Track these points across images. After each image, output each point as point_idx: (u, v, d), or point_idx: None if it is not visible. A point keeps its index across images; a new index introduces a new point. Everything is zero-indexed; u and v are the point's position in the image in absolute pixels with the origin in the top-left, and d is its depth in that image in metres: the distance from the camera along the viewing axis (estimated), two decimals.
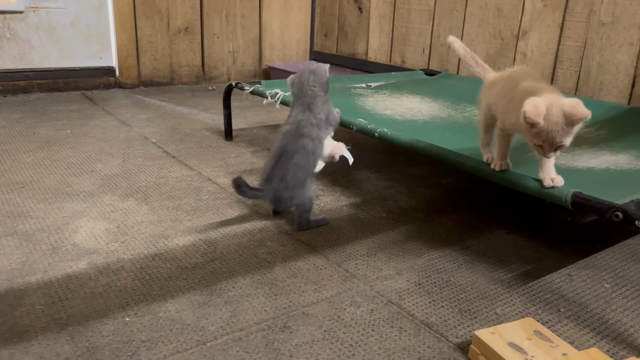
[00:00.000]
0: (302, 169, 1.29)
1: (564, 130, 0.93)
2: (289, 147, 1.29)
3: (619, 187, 1.14)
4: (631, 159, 1.38)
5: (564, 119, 0.92)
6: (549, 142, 0.95)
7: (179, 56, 3.04)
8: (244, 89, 1.89)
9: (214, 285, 1.07)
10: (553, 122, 0.92)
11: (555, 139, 0.94)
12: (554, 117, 0.92)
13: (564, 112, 0.92)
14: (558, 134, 0.93)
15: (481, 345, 0.86)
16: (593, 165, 1.33)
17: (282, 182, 1.28)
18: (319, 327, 0.95)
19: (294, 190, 1.29)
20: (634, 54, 1.94)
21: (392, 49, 2.92)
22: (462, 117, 1.80)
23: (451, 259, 1.22)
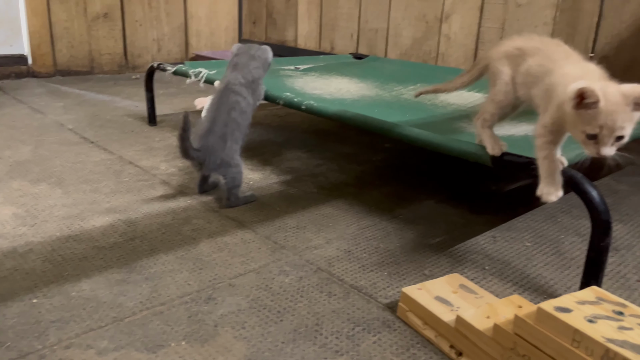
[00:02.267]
0: (237, 126, 1.31)
1: (625, 113, 0.75)
2: (223, 103, 1.31)
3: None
4: None
5: (626, 98, 0.75)
6: (609, 128, 0.75)
7: (99, 43, 2.89)
8: (166, 69, 1.81)
9: (134, 263, 1.01)
10: (613, 102, 0.74)
11: (616, 122, 0.75)
12: (614, 96, 0.75)
13: (624, 93, 0.75)
14: (620, 117, 0.75)
15: (409, 301, 0.85)
16: (513, 133, 1.37)
17: (220, 138, 1.27)
18: (245, 297, 0.92)
19: (230, 151, 1.27)
20: (549, 34, 2.03)
21: (321, 35, 2.91)
22: (389, 96, 1.82)
23: (380, 228, 1.21)
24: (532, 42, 0.97)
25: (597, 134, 0.76)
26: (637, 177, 1.64)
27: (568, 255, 1.13)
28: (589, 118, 0.76)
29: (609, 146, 0.77)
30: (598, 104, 0.74)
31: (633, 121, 0.76)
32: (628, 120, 0.75)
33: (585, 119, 0.77)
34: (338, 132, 2.04)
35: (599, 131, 0.76)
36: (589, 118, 0.76)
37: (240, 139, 1.33)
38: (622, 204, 1.42)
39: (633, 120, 0.76)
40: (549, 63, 0.90)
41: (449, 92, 1.16)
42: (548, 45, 0.95)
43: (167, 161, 1.59)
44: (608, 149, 0.77)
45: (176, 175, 1.48)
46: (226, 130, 1.28)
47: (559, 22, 2.00)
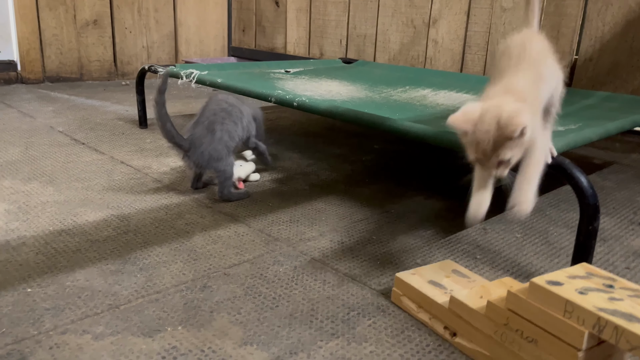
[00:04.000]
0: (228, 115, 1.31)
1: (496, 142, 0.73)
2: (211, 102, 1.34)
3: None
4: None
5: (496, 129, 0.73)
6: (481, 155, 0.76)
7: (88, 50, 2.89)
8: (157, 71, 1.82)
9: (128, 255, 1.01)
10: (483, 131, 0.74)
11: (486, 150, 0.75)
12: (485, 124, 0.74)
13: (499, 120, 0.73)
14: (488, 146, 0.74)
15: (403, 285, 0.86)
16: None
17: (206, 128, 1.27)
18: (240, 285, 0.92)
19: (219, 144, 1.27)
20: None
21: (310, 42, 2.94)
22: (379, 97, 1.84)
23: (372, 221, 1.23)
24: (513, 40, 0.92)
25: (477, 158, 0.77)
26: (622, 175, 1.68)
27: (557, 245, 1.15)
28: (466, 144, 0.78)
29: (493, 169, 0.77)
30: (466, 134, 0.76)
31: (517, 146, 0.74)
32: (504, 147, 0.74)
33: (466, 144, 0.78)
34: (328, 134, 2.06)
35: (476, 157, 0.77)
36: (466, 144, 0.78)
37: (234, 131, 1.31)
38: (608, 199, 1.45)
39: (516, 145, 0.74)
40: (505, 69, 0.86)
41: None
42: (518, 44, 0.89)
43: (158, 161, 1.59)
44: (493, 171, 0.78)
45: (168, 174, 1.48)
46: (214, 119, 1.28)
47: (543, 25, 2.05)
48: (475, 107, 0.77)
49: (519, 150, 0.76)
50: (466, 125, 0.75)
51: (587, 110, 1.64)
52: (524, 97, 0.78)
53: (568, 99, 1.81)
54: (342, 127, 2.18)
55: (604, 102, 1.72)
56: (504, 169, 0.77)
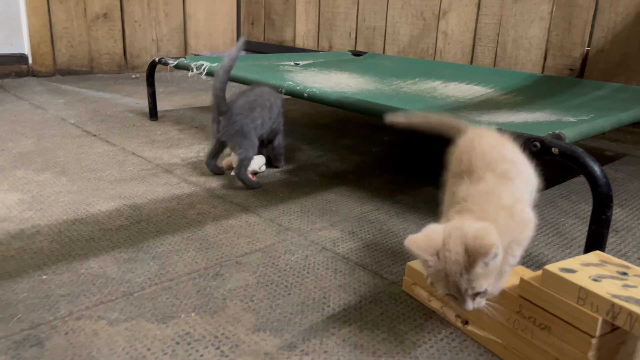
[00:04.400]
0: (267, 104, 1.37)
1: (468, 271, 0.62)
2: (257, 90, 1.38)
3: (536, 129, 1.19)
4: (547, 115, 1.46)
5: (466, 255, 0.62)
6: (454, 289, 0.64)
7: (99, 44, 2.91)
8: (167, 63, 1.83)
9: (141, 243, 1.02)
10: (452, 260, 0.63)
11: (459, 283, 0.63)
12: (453, 252, 0.63)
13: (467, 245, 0.62)
14: (461, 277, 0.63)
15: (414, 274, 0.87)
16: (512, 120, 1.39)
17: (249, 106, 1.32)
18: (252, 273, 0.93)
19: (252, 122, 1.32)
20: (545, 28, 2.06)
21: (319, 35, 2.94)
22: (389, 89, 1.84)
23: (383, 212, 1.23)
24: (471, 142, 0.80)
25: (449, 294, 0.65)
26: (633, 166, 1.66)
27: (569, 236, 1.14)
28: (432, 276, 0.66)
29: (469, 303, 0.64)
30: (429, 264, 0.65)
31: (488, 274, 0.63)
32: (477, 278, 0.63)
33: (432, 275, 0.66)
34: (337, 126, 2.06)
35: (447, 291, 0.65)
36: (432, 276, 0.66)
37: (267, 124, 1.37)
38: (620, 190, 1.44)
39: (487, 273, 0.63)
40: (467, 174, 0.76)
41: None
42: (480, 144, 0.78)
43: (169, 152, 1.60)
44: (469, 304, 0.64)
45: (179, 165, 1.49)
46: (260, 101, 1.34)
47: (555, 17, 2.03)
48: (437, 230, 0.66)
49: (493, 276, 0.64)
50: (427, 253, 0.64)
51: (598, 101, 1.63)
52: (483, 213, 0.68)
53: (580, 91, 1.80)
54: (352, 119, 2.18)
55: (616, 94, 1.70)
56: (481, 301, 0.65)
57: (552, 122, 1.34)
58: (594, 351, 0.61)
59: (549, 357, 0.66)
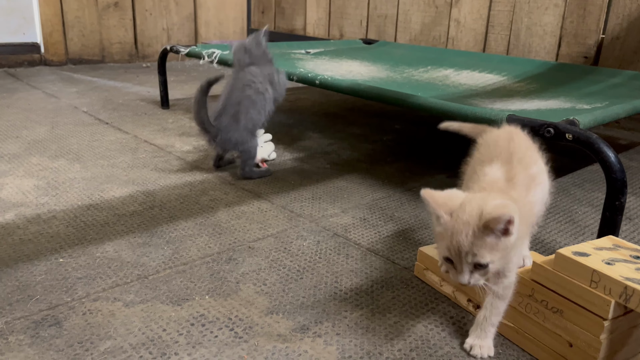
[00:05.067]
0: (252, 103, 1.30)
1: (476, 236, 0.62)
2: (237, 81, 1.32)
3: (549, 115, 1.19)
4: (560, 103, 1.44)
5: (479, 219, 0.62)
6: (455, 251, 0.63)
7: (110, 32, 2.92)
8: (179, 51, 1.83)
9: (155, 228, 1.03)
10: (462, 220, 0.63)
11: (462, 245, 0.62)
12: (466, 213, 0.63)
13: (482, 211, 0.62)
14: (466, 239, 0.62)
15: (426, 259, 0.87)
16: (525, 107, 1.38)
17: (232, 117, 1.27)
18: (265, 258, 0.93)
19: (244, 131, 1.28)
20: (560, 15, 2.03)
21: (330, 23, 2.92)
22: (400, 77, 1.83)
23: (394, 199, 1.23)
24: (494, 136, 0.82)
25: (449, 257, 0.64)
26: None
27: (582, 224, 1.14)
28: (438, 235, 0.66)
29: (465, 273, 0.63)
30: (441, 220, 0.64)
31: (498, 249, 0.62)
32: (484, 247, 0.61)
33: (436, 235, 0.67)
34: (348, 115, 2.06)
35: (448, 253, 0.64)
36: (438, 235, 0.66)
37: (258, 119, 1.32)
38: (634, 179, 1.43)
39: (497, 247, 0.62)
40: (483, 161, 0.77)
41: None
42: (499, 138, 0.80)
43: (181, 140, 1.61)
44: (465, 276, 0.63)
45: (191, 152, 1.50)
46: (239, 108, 1.28)
47: (569, 3, 2.00)
48: (458, 194, 0.67)
49: (500, 255, 0.63)
50: (442, 209, 0.64)
51: (614, 89, 1.61)
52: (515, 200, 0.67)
53: (594, 78, 1.78)
54: (362, 107, 2.18)
55: (631, 81, 1.68)
56: (479, 278, 0.64)
57: (566, 109, 1.33)
58: (606, 334, 0.62)
59: (561, 340, 0.66)
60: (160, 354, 0.68)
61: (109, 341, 0.70)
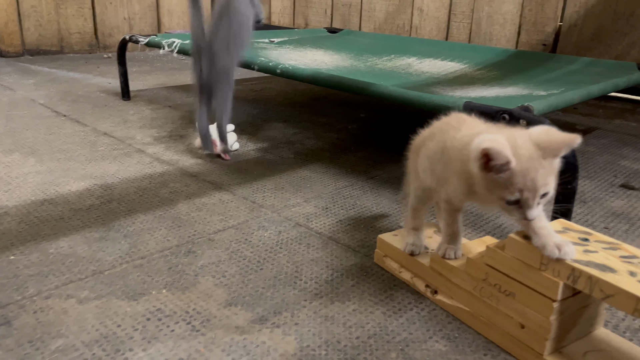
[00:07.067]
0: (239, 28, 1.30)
1: (543, 167, 0.61)
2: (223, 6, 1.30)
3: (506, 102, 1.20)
4: (519, 90, 1.47)
5: (539, 150, 0.61)
6: (531, 190, 0.61)
7: (68, 22, 2.83)
8: (138, 41, 1.79)
9: (112, 222, 1.01)
10: (527, 158, 0.61)
11: (537, 181, 0.61)
12: (526, 150, 0.61)
13: (536, 142, 0.62)
14: (539, 174, 0.61)
15: (385, 246, 0.87)
16: (484, 95, 1.40)
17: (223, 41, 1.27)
18: (225, 250, 0.93)
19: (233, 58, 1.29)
20: (519, 3, 2.06)
21: (295, 12, 2.90)
22: (364, 66, 1.83)
23: (357, 187, 1.23)
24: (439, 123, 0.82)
25: (519, 199, 0.62)
26: (604, 139, 1.69)
27: None
28: (503, 182, 0.62)
29: (534, 208, 0.63)
30: (509, 165, 0.61)
31: (555, 172, 0.63)
32: (549, 174, 0.62)
33: (500, 184, 0.62)
34: (313, 104, 2.05)
35: (519, 196, 0.62)
36: (503, 182, 0.62)
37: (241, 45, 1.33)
38: (589, 163, 1.47)
39: (554, 171, 0.63)
40: (443, 134, 0.76)
41: None
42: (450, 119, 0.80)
43: (142, 132, 1.58)
44: (534, 211, 0.63)
45: (152, 144, 1.47)
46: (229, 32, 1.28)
47: None
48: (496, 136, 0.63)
49: (555, 179, 0.64)
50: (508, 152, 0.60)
51: (571, 75, 1.64)
52: None
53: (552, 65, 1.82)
54: (328, 96, 2.17)
55: (588, 68, 1.73)
56: (541, 207, 0.64)
57: (523, 95, 1.36)
58: (556, 315, 0.63)
59: (513, 322, 0.68)
60: (114, 350, 0.67)
61: (61, 339, 0.69)
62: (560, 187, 0.90)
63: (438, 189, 0.77)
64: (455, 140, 0.71)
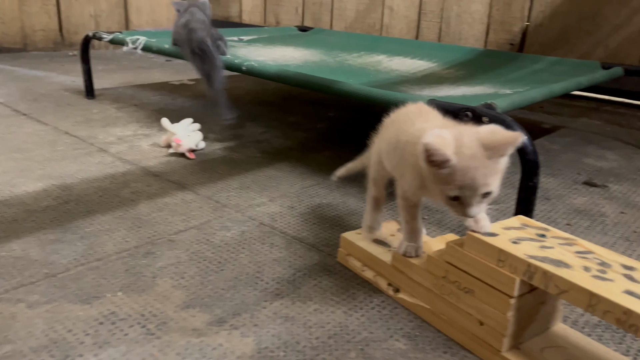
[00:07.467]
0: None
1: (485, 166, 0.62)
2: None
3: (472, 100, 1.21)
4: (485, 89, 1.48)
5: (484, 150, 0.62)
6: (470, 188, 0.62)
7: (32, 20, 2.75)
8: (102, 38, 1.74)
9: (69, 224, 0.98)
10: (469, 156, 0.62)
11: (477, 180, 0.62)
12: (469, 148, 0.62)
13: (482, 141, 0.63)
14: (479, 173, 0.62)
15: (348, 245, 0.87)
16: (451, 93, 1.41)
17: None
18: (185, 251, 0.90)
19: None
20: (487, 3, 2.08)
21: (266, 10, 2.88)
22: (334, 62, 1.82)
23: (324, 186, 1.22)
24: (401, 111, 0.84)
25: (460, 196, 0.64)
26: (568, 138, 1.72)
27: (503, 205, 1.17)
28: (445, 178, 0.63)
29: (475, 206, 0.64)
30: (450, 162, 0.62)
31: (499, 172, 0.64)
32: (492, 174, 0.63)
33: (442, 179, 0.63)
34: (283, 103, 2.03)
35: (459, 193, 0.63)
36: (445, 178, 0.63)
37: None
38: (554, 160, 1.49)
39: (499, 171, 0.64)
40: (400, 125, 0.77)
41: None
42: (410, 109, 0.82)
43: (105, 131, 1.54)
44: (475, 209, 0.64)
45: (115, 143, 1.44)
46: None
47: None
48: (443, 132, 0.65)
49: (499, 179, 0.65)
50: (447, 150, 0.61)
51: (535, 74, 1.66)
52: None
53: (519, 64, 1.84)
54: (298, 95, 2.16)
55: (553, 67, 1.75)
56: (485, 207, 0.65)
57: (489, 94, 1.37)
58: (513, 311, 0.63)
59: (472, 319, 0.67)
60: (64, 356, 0.65)
61: (8, 345, 0.66)
62: (522, 184, 0.91)
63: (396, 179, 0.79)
64: (408, 135, 0.72)
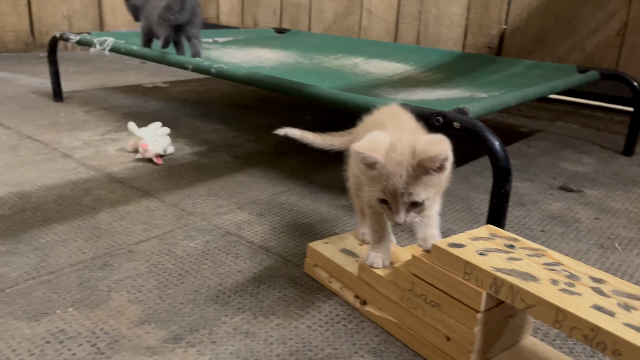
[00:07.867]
0: None
1: (410, 176, 0.62)
2: None
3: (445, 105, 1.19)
4: (460, 92, 1.46)
5: (412, 158, 0.62)
6: (392, 194, 0.63)
7: (2, 20, 2.67)
8: (69, 39, 1.69)
9: (23, 234, 0.93)
10: (395, 162, 0.62)
11: (397, 187, 0.62)
12: (398, 154, 0.62)
13: (415, 149, 0.62)
14: (401, 180, 0.61)
15: (315, 255, 0.83)
16: (426, 97, 1.38)
17: None
18: (145, 262, 0.86)
19: None
20: (465, 6, 2.07)
21: (244, 11, 2.84)
22: (310, 64, 1.79)
23: (295, 192, 1.19)
24: (374, 115, 0.82)
25: (385, 199, 0.64)
26: (546, 142, 1.71)
27: (477, 211, 1.15)
28: (372, 179, 0.64)
29: (400, 214, 0.63)
30: (378, 164, 0.62)
31: (432, 184, 0.63)
32: (419, 185, 0.62)
33: (371, 180, 0.64)
34: (259, 106, 2.00)
35: (383, 196, 0.64)
36: (372, 179, 0.64)
37: None
38: (530, 165, 1.47)
39: (432, 183, 0.63)
40: (374, 128, 0.73)
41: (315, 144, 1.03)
42: (383, 112, 0.80)
43: (71, 135, 1.49)
44: (401, 216, 0.63)
45: (80, 148, 1.39)
46: None
47: None
48: (383, 135, 0.65)
49: (435, 191, 0.64)
50: (377, 154, 0.62)
51: (512, 78, 1.65)
52: None
53: (496, 68, 1.83)
54: (275, 98, 2.12)
55: (529, 70, 1.74)
56: (415, 215, 0.65)
57: (464, 98, 1.34)
58: (480, 326, 0.60)
59: (439, 334, 0.65)
60: None
61: None
62: (494, 191, 0.89)
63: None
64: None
